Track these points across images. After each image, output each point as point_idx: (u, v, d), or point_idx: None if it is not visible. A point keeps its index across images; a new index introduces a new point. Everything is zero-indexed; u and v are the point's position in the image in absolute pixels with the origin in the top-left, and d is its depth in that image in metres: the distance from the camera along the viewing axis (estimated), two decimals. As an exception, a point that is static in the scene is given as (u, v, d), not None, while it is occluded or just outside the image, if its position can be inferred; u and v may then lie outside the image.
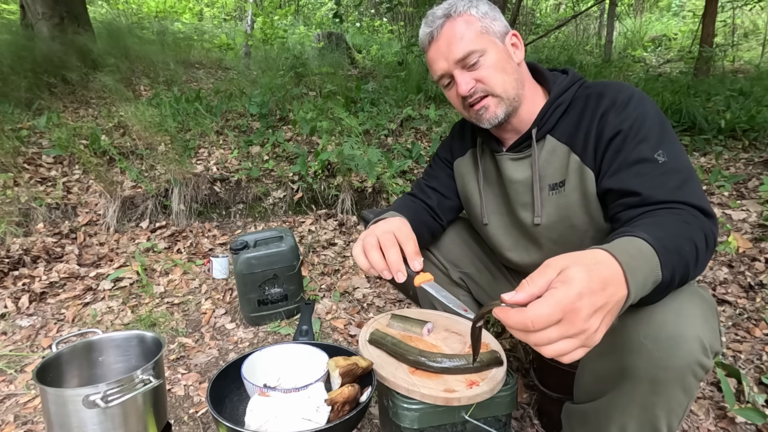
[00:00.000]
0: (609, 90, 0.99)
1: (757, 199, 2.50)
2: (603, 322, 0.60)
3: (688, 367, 0.75)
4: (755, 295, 1.84)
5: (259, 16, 6.55)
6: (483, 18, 1.02)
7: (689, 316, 0.76)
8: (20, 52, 3.83)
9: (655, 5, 10.64)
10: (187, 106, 3.54)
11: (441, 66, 1.04)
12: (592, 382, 0.88)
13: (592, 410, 0.88)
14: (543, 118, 1.04)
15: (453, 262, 1.28)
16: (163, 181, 2.82)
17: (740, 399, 1.41)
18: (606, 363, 0.83)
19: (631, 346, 0.77)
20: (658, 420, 0.80)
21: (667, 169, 0.88)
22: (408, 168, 3.12)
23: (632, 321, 0.78)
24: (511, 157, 1.10)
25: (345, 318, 1.99)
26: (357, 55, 6.67)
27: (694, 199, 0.84)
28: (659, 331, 0.75)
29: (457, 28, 1.01)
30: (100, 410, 0.90)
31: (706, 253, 0.79)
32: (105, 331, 1.50)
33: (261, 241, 1.93)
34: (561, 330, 0.58)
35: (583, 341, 0.59)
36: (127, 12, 7.00)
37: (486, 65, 1.01)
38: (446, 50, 1.02)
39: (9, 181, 2.66)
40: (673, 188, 0.85)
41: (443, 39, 1.02)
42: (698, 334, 0.75)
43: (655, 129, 0.92)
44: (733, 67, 6.07)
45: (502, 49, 1.03)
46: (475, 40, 1.00)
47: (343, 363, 0.97)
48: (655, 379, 0.76)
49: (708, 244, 0.79)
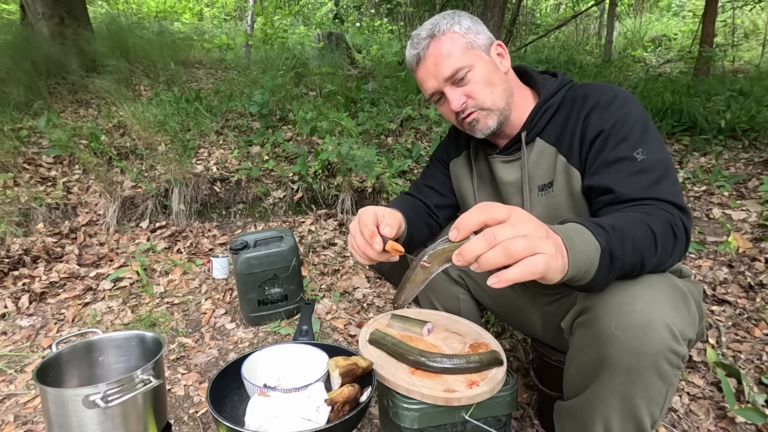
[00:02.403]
0: (594, 91, 1.01)
1: (757, 199, 2.50)
2: (531, 246, 0.63)
3: (660, 353, 0.76)
4: (755, 295, 1.84)
5: (259, 16, 6.55)
6: (467, 33, 1.04)
7: (657, 303, 0.78)
8: (20, 52, 3.83)
9: (655, 5, 10.64)
10: (187, 106, 3.54)
11: (431, 85, 1.08)
12: (575, 376, 0.90)
13: (577, 405, 0.90)
14: (532, 121, 1.07)
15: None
16: (163, 181, 2.82)
17: (740, 399, 1.41)
18: (585, 356, 0.85)
19: (605, 337, 0.79)
20: (639, 409, 0.81)
21: (644, 167, 0.90)
22: (408, 168, 3.12)
23: (604, 312, 0.80)
24: (503, 160, 1.13)
25: (345, 318, 1.99)
26: (357, 55, 6.67)
27: (665, 195, 0.87)
28: (628, 320, 0.77)
29: (443, 47, 1.04)
30: (100, 410, 0.90)
31: (675, 242, 0.82)
32: (105, 331, 1.50)
33: (261, 241, 1.93)
34: (484, 237, 0.64)
35: (504, 249, 0.63)
36: (127, 12, 7.00)
37: (474, 80, 1.04)
38: (434, 69, 1.05)
39: (9, 181, 2.66)
40: (646, 185, 0.89)
41: (430, 59, 1.05)
42: (667, 321, 0.77)
43: (637, 128, 0.94)
44: (733, 67, 6.07)
45: (489, 62, 1.06)
46: (462, 57, 1.03)
47: (343, 363, 0.97)
48: (630, 368, 0.78)
49: (676, 233, 0.82)
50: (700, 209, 2.55)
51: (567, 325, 0.91)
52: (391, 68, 5.41)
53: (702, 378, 1.52)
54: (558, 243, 0.68)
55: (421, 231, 1.19)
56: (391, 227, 0.95)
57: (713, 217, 2.44)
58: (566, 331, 0.92)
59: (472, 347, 1.11)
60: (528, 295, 1.24)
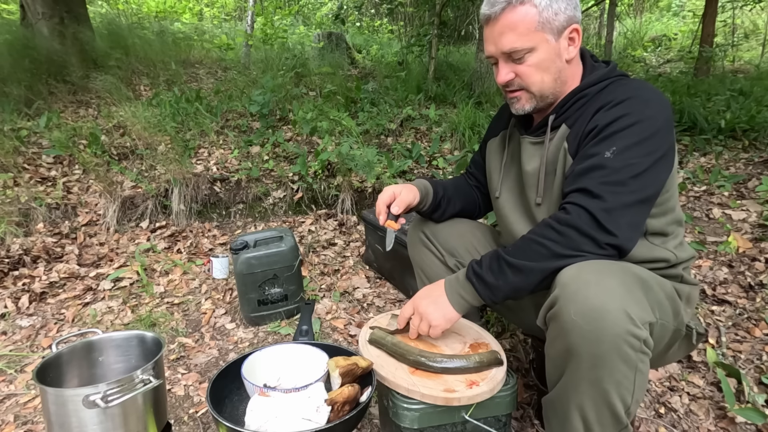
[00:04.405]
0: (621, 89, 1.00)
1: (757, 199, 2.50)
2: (430, 309, 1.05)
3: (618, 336, 0.80)
4: (755, 295, 1.84)
5: (259, 16, 6.55)
6: (545, 10, 0.98)
7: (610, 288, 0.82)
8: (20, 52, 3.83)
9: (655, 5, 10.63)
10: (187, 106, 3.54)
11: (489, 49, 1.06)
12: (551, 368, 0.93)
13: (555, 396, 0.93)
14: (564, 106, 1.06)
15: (450, 251, 1.32)
16: (163, 181, 2.82)
17: (740, 399, 1.41)
18: (555, 347, 0.88)
19: (567, 325, 0.83)
20: (609, 395, 0.84)
21: (601, 163, 0.92)
22: (408, 168, 3.12)
23: (564, 301, 0.84)
24: (530, 141, 1.13)
25: (345, 318, 1.99)
26: (357, 55, 6.67)
27: (585, 184, 0.92)
28: (584, 305, 0.81)
29: (513, 19, 0.99)
30: (100, 410, 0.90)
31: (567, 227, 0.90)
32: (105, 331, 1.50)
33: (261, 241, 1.93)
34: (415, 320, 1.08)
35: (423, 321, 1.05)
36: (127, 12, 6.99)
37: (530, 62, 1.01)
38: (497, 38, 1.02)
39: (9, 181, 2.66)
40: (587, 181, 0.93)
41: (498, 26, 1.01)
42: (621, 305, 0.80)
43: (633, 130, 0.93)
44: (733, 67, 6.07)
45: (553, 48, 1.01)
46: (527, 37, 0.99)
47: (343, 363, 0.97)
48: (593, 353, 0.81)
49: (567, 223, 0.90)
50: (700, 209, 2.55)
51: (540, 321, 0.93)
52: (391, 68, 5.41)
53: (702, 378, 1.52)
54: (437, 299, 1.05)
55: (455, 205, 1.33)
56: (399, 206, 1.17)
57: (713, 217, 2.44)
58: (542, 327, 0.94)
59: (472, 347, 1.11)
60: None
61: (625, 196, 0.90)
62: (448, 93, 4.37)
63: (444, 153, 3.40)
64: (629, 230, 0.90)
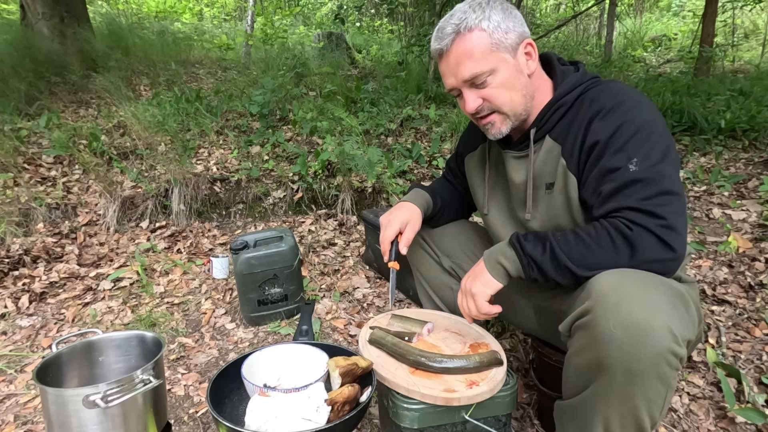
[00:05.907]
0: (604, 95, 0.99)
1: (757, 199, 2.50)
2: (470, 283, 1.03)
3: (660, 354, 0.77)
4: (755, 295, 1.84)
5: (260, 16, 6.55)
6: (495, 32, 0.98)
7: (655, 303, 0.79)
8: (20, 52, 3.83)
9: (655, 5, 10.64)
10: (187, 106, 3.54)
11: (450, 82, 1.05)
12: (574, 377, 0.90)
13: (578, 404, 0.90)
14: (543, 118, 1.05)
15: (446, 253, 1.33)
16: (163, 181, 2.82)
17: (740, 399, 1.41)
18: (584, 356, 0.85)
19: (603, 336, 0.80)
20: (639, 410, 0.82)
21: (632, 177, 0.90)
22: (408, 168, 3.12)
23: (602, 311, 0.81)
24: (514, 155, 1.12)
25: (345, 318, 1.99)
26: (357, 55, 6.67)
27: (633, 203, 0.89)
28: (627, 318, 0.78)
29: (466, 46, 0.99)
30: (100, 410, 0.90)
31: (622, 248, 0.88)
32: (105, 331, 1.50)
33: (261, 241, 1.92)
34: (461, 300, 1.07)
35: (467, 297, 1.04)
36: (127, 12, 6.99)
37: (494, 84, 1.01)
38: (455, 68, 1.02)
39: (9, 181, 2.66)
40: (628, 195, 0.90)
41: (452, 57, 1.01)
42: (666, 322, 0.77)
43: (639, 136, 0.92)
44: (733, 67, 6.07)
45: (513, 65, 1.01)
46: (484, 60, 0.99)
47: (343, 363, 0.97)
48: (629, 369, 0.78)
49: (627, 239, 0.87)
50: (700, 209, 2.55)
51: (565, 328, 0.91)
52: (391, 68, 5.41)
53: (702, 378, 1.52)
54: (477, 273, 1.03)
55: (450, 212, 1.37)
56: (406, 245, 1.20)
57: (713, 217, 2.44)
58: (563, 334, 0.92)
59: (472, 347, 1.11)
60: (522, 288, 1.23)
61: (673, 206, 0.88)
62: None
63: (444, 153, 3.40)
64: (685, 240, 0.89)
